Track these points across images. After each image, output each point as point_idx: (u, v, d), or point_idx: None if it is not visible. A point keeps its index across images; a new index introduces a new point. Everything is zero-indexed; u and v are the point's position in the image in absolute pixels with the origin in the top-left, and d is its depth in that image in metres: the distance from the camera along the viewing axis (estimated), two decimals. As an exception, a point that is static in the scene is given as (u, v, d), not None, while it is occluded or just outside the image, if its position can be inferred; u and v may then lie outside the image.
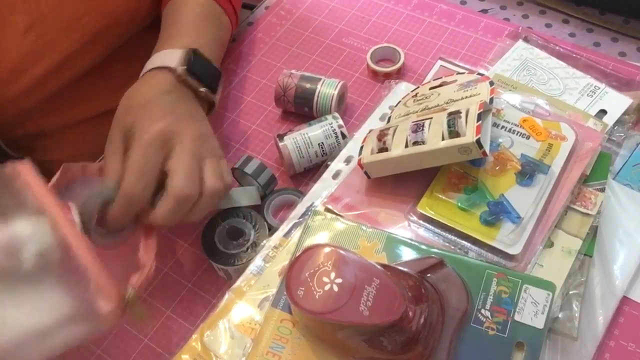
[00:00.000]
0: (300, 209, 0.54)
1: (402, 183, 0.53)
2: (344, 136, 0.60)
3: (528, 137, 0.53)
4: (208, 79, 0.57)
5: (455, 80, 0.58)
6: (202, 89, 0.56)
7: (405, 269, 0.45)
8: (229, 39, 0.68)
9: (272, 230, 0.55)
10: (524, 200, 0.49)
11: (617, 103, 0.60)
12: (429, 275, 0.46)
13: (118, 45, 0.68)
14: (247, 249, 0.54)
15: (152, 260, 0.48)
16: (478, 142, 0.47)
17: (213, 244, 0.55)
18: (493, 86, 0.53)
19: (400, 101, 0.60)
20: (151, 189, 0.48)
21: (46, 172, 0.78)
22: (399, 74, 0.70)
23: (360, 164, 0.53)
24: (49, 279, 0.41)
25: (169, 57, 0.55)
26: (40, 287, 0.40)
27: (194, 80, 0.55)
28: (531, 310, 0.44)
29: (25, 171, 0.44)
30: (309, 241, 0.49)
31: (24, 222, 0.41)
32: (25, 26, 0.60)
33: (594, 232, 0.50)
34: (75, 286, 0.41)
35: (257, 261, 0.51)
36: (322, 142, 0.60)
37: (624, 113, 0.60)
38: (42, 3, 0.60)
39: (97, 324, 0.40)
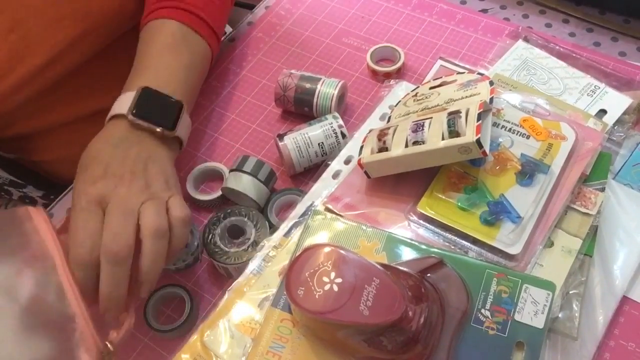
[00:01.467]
0: (300, 208, 0.54)
1: (402, 183, 0.53)
2: (344, 136, 0.60)
3: (528, 137, 0.53)
4: (161, 117, 0.54)
5: (455, 80, 0.58)
6: (158, 129, 0.54)
7: (405, 269, 0.45)
8: (208, 62, 0.65)
9: (273, 229, 0.55)
10: (524, 200, 0.49)
11: (617, 103, 0.60)
12: (429, 275, 0.46)
13: (104, 45, 0.67)
14: (248, 247, 0.54)
15: (132, 316, 0.47)
16: (478, 141, 0.47)
17: (214, 242, 0.55)
18: (493, 86, 0.53)
19: (400, 101, 0.60)
20: (131, 246, 0.45)
21: (40, 171, 0.78)
22: (399, 74, 0.70)
23: (360, 164, 0.53)
24: (38, 320, 0.42)
25: (123, 102, 0.54)
26: (28, 327, 0.41)
27: (146, 123, 0.53)
28: (531, 310, 0.44)
29: (36, 215, 0.46)
30: (309, 241, 0.49)
31: (26, 263, 0.43)
32: (7, 27, 0.59)
33: (594, 231, 0.50)
34: (60, 332, 0.41)
35: (257, 261, 0.51)
36: (322, 142, 0.60)
37: (624, 113, 0.60)
38: (24, 4, 0.60)
39: None
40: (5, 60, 0.60)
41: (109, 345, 0.43)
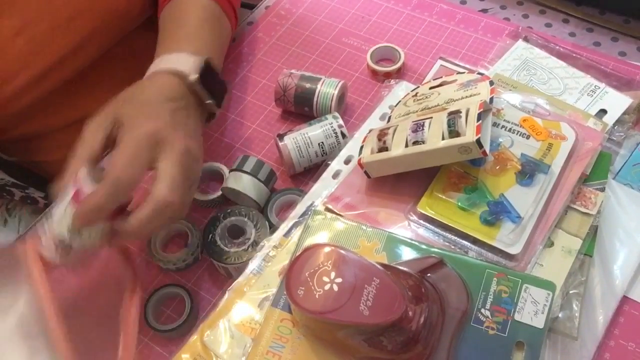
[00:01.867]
0: (300, 208, 0.54)
1: (402, 183, 0.53)
2: (344, 136, 0.60)
3: (528, 137, 0.53)
4: (216, 92, 0.56)
5: (455, 80, 0.58)
6: (209, 101, 0.55)
7: (405, 269, 0.45)
8: (229, 42, 0.67)
9: (273, 229, 0.55)
10: (524, 199, 0.49)
11: (617, 103, 0.60)
12: (429, 275, 0.46)
13: (110, 46, 0.68)
14: (248, 247, 0.54)
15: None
16: (478, 141, 0.47)
17: (214, 242, 0.55)
18: (493, 86, 0.53)
19: (400, 101, 0.60)
20: (136, 183, 0.46)
21: (42, 173, 0.78)
22: (399, 74, 0.70)
23: (360, 164, 0.53)
24: (19, 348, 0.43)
25: (180, 61, 0.54)
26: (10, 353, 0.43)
27: (204, 91, 0.54)
28: (531, 309, 0.44)
29: (30, 251, 0.47)
30: (309, 241, 0.49)
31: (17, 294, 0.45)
32: (14, 31, 0.59)
33: (594, 231, 0.50)
34: None
35: (257, 261, 0.51)
36: (322, 142, 0.60)
37: (624, 113, 0.60)
38: (30, 7, 0.60)
39: None
40: (12, 63, 0.60)
41: None
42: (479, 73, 0.58)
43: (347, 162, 0.57)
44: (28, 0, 0.59)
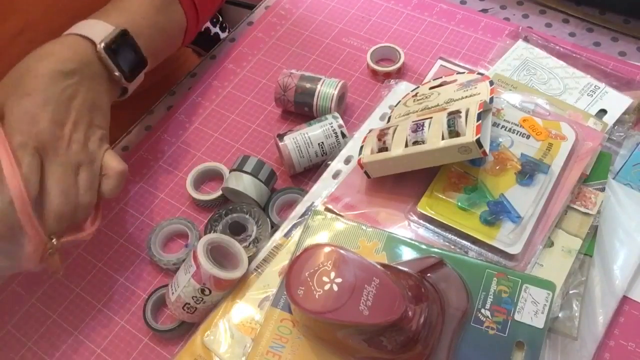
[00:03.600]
0: (300, 208, 0.54)
1: (402, 183, 0.53)
2: (344, 136, 0.60)
3: (528, 137, 0.53)
4: (128, 65, 0.55)
5: (455, 80, 0.58)
6: (117, 73, 0.54)
7: (405, 269, 0.45)
8: (182, 33, 0.65)
9: (274, 227, 0.55)
10: (524, 199, 0.49)
11: (617, 103, 0.60)
12: (429, 275, 0.46)
13: None
14: (250, 244, 0.54)
15: (92, 231, 0.51)
16: (478, 141, 0.47)
17: None
18: (493, 86, 0.53)
19: (400, 101, 0.60)
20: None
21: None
22: (399, 74, 0.70)
23: (360, 164, 0.53)
24: None
25: (95, 28, 0.54)
26: None
27: (111, 62, 0.53)
28: (531, 309, 0.44)
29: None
30: (309, 241, 0.49)
31: None
32: (15, 32, 0.59)
33: (594, 231, 0.50)
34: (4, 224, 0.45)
35: (257, 261, 0.51)
36: (322, 142, 0.60)
37: (624, 113, 0.60)
38: (31, 9, 0.59)
39: (18, 261, 0.46)
40: (12, 65, 0.60)
41: (53, 240, 0.47)
42: (479, 73, 0.58)
43: (347, 162, 0.57)
44: (28, 1, 0.59)
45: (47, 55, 0.51)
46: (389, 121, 0.58)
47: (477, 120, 0.48)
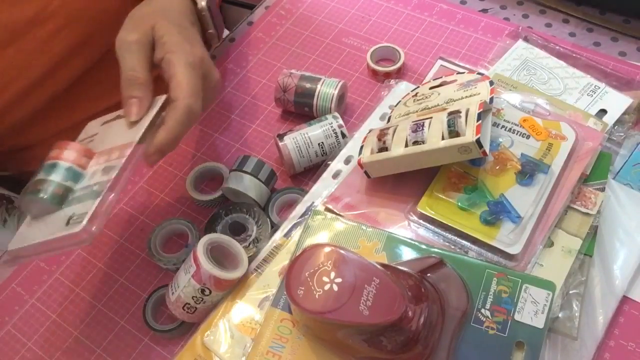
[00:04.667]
0: (300, 208, 0.54)
1: (402, 183, 0.53)
2: (344, 136, 0.60)
3: (528, 137, 0.53)
4: (214, 23, 0.59)
5: (455, 80, 0.58)
6: (211, 30, 0.57)
7: (405, 269, 0.45)
8: None
9: (274, 227, 0.55)
10: (524, 199, 0.49)
11: (617, 103, 0.60)
12: (429, 275, 0.46)
13: (101, 54, 0.67)
14: (250, 244, 0.54)
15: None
16: (478, 141, 0.47)
17: None
18: (493, 86, 0.53)
19: (400, 101, 0.60)
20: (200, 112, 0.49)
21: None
22: (399, 74, 0.70)
23: (360, 164, 0.53)
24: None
25: None
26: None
27: (210, 19, 0.57)
28: (531, 309, 0.44)
29: None
30: (309, 241, 0.49)
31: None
32: (5, 41, 0.58)
33: (594, 231, 0.50)
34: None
35: (257, 261, 0.51)
36: (322, 142, 0.60)
37: (624, 113, 0.60)
38: (22, 17, 0.59)
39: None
40: (2, 74, 0.59)
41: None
42: (479, 73, 0.58)
43: (347, 162, 0.57)
44: None
45: (173, 11, 0.54)
46: (389, 121, 0.58)
47: (477, 120, 0.48)
